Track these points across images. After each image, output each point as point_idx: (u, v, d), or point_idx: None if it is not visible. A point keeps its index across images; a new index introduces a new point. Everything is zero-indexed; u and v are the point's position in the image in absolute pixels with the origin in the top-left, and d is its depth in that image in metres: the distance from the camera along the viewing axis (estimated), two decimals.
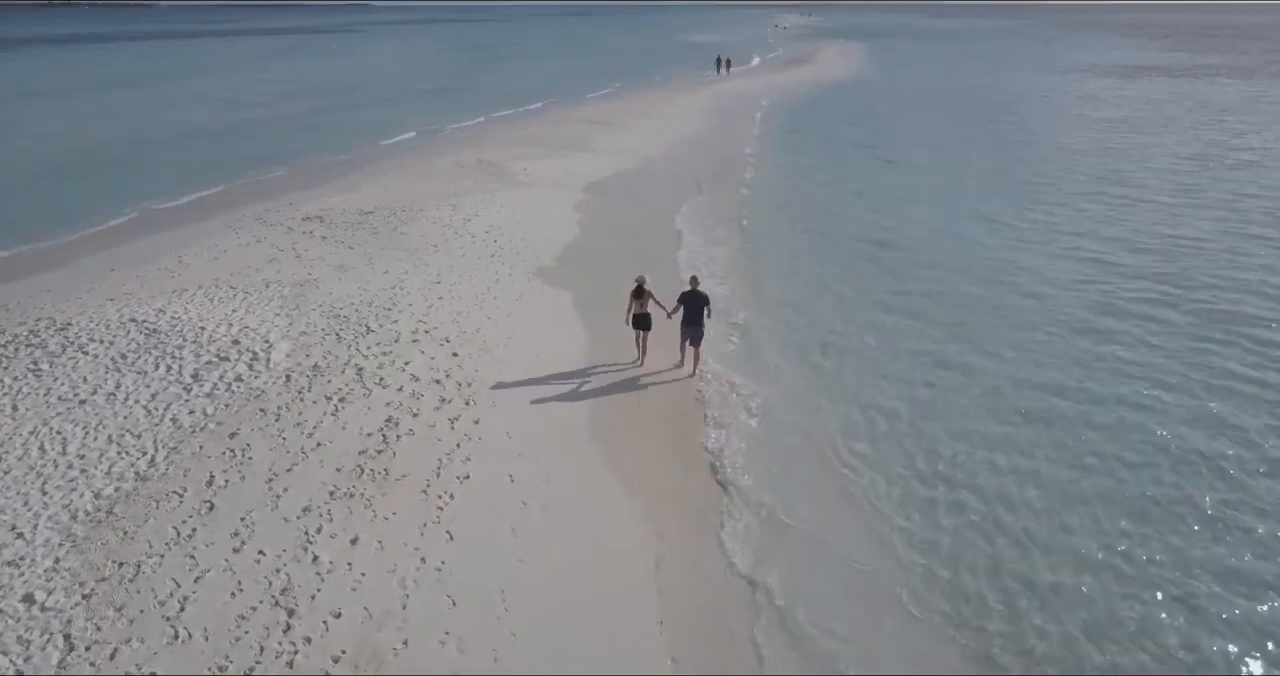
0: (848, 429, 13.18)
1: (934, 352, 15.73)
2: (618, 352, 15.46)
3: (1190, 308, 17.62)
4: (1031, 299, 18.27)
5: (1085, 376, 14.69)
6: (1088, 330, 16.58)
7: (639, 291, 14.57)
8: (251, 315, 16.39)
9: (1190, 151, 34.44)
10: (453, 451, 12.10)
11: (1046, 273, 19.78)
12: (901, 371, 15.02)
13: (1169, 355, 15.41)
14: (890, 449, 12.63)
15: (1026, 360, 15.35)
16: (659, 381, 14.77)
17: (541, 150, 34.58)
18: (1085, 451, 12.44)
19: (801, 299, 18.57)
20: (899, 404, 13.89)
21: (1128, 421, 13.27)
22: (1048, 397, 14.05)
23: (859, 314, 17.57)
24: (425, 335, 15.89)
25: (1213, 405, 13.70)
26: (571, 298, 18.36)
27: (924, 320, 17.20)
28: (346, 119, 46.32)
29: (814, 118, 46.11)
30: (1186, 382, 14.45)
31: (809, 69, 77.97)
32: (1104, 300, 18.11)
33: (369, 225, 23.16)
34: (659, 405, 13.95)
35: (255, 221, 23.75)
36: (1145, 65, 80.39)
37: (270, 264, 19.89)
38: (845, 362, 15.46)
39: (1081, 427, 13.06)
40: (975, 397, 14.07)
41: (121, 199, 27.14)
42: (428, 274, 19.31)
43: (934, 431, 13.03)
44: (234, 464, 11.57)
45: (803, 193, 28.32)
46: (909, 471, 12.04)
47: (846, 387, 14.50)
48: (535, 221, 23.90)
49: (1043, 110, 48.68)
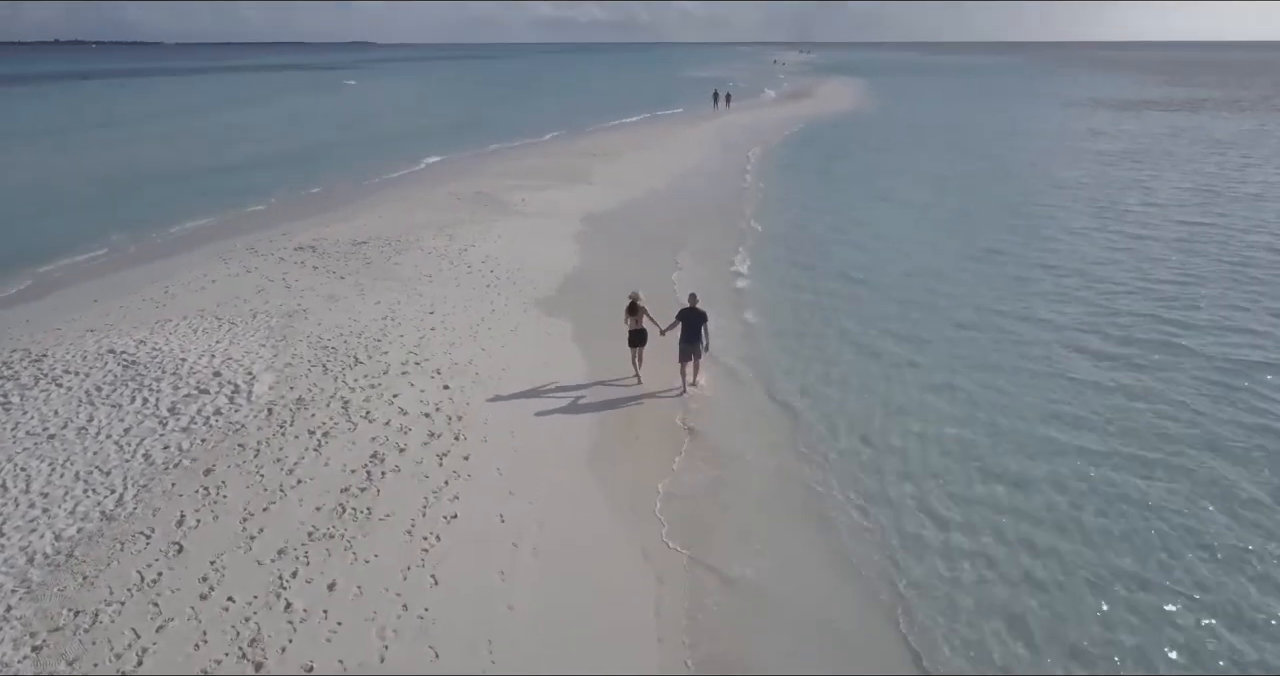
0: (846, 471, 12.52)
1: (932, 391, 14.95)
2: (615, 379, 15.30)
3: (1193, 346, 16.78)
4: (1029, 335, 17.39)
5: (1079, 412, 14.06)
6: (1086, 367, 15.82)
7: (633, 308, 14.71)
8: (235, 346, 15.79)
9: (1191, 184, 33.90)
10: (440, 489, 11.42)
11: (1045, 310, 18.90)
12: (899, 408, 14.29)
13: (1172, 398, 14.52)
14: (888, 490, 11.95)
15: (1025, 399, 14.58)
16: (656, 403, 14.38)
17: (540, 181, 34.25)
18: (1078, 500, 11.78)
19: (795, 334, 17.79)
20: (896, 440, 13.24)
21: (1124, 469, 12.59)
22: (1046, 437, 13.39)
23: (853, 352, 16.70)
24: (416, 367, 15.28)
25: (1219, 451, 13.03)
26: (567, 328, 17.81)
27: (919, 357, 16.35)
28: (345, 152, 46.17)
29: (812, 151, 45.86)
30: (1191, 427, 13.78)
31: (809, 103, 78.32)
32: (1103, 338, 17.20)
33: (362, 255, 22.65)
34: (657, 431, 13.42)
35: (246, 252, 23.23)
36: (1144, 99, 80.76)
37: (259, 294, 19.34)
38: (840, 398, 14.79)
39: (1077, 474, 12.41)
40: (977, 442, 13.38)
41: (110, 230, 26.70)
42: (421, 304, 18.75)
43: (929, 469, 12.37)
44: (207, 502, 10.89)
45: (800, 226, 27.66)
46: (911, 519, 11.35)
47: (840, 427, 13.83)
48: (532, 252, 23.41)
49: (1042, 143, 48.34)
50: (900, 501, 11.55)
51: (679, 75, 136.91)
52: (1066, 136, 51.31)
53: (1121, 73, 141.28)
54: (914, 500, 11.58)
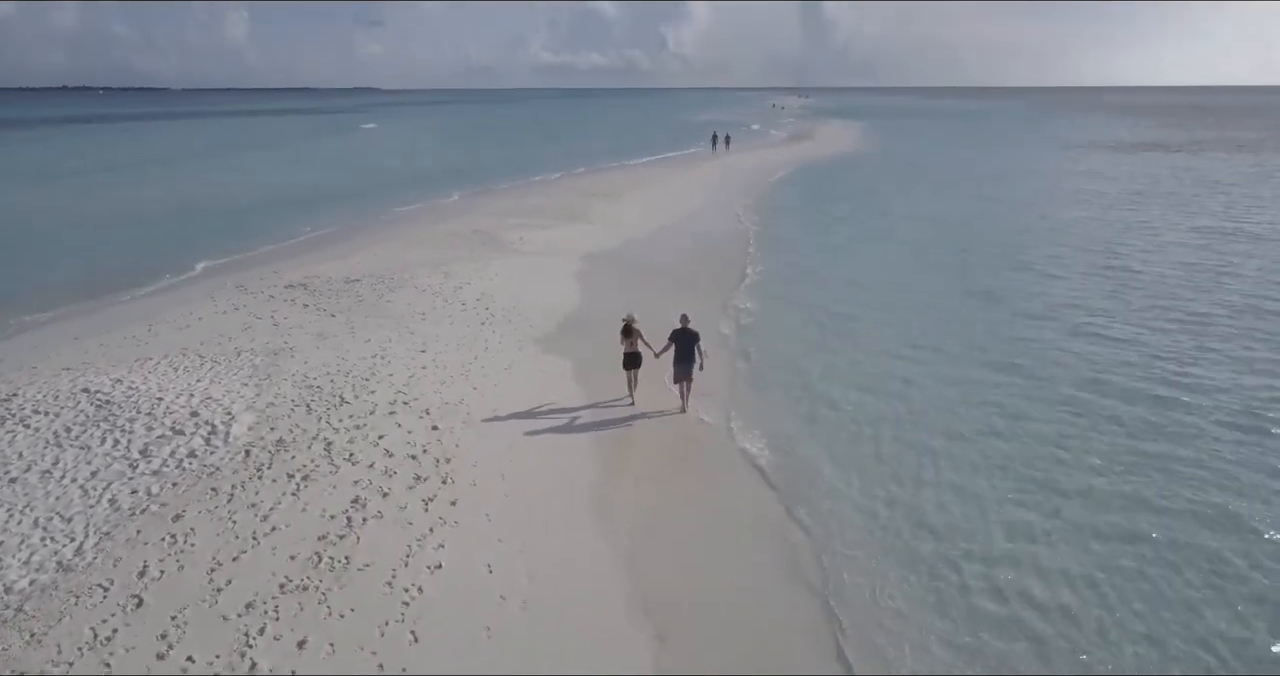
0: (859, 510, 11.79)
1: (926, 430, 14.30)
2: (610, 401, 15.43)
3: (1200, 391, 16.01)
4: (1030, 379, 16.56)
5: (1080, 457, 13.33)
6: (1094, 411, 15.08)
7: (627, 330, 14.87)
8: (216, 385, 15.12)
9: (1196, 225, 33.27)
10: (424, 537, 10.67)
11: (1046, 354, 18.01)
12: (895, 455, 13.54)
13: (1176, 448, 13.70)
14: (893, 539, 11.21)
15: (1028, 447, 13.79)
16: (652, 432, 14.06)
17: (539, 220, 33.87)
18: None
19: (790, 372, 17.13)
20: (894, 487, 12.53)
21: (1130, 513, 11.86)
22: (1049, 478, 12.68)
23: (848, 393, 15.92)
24: (404, 407, 14.59)
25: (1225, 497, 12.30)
26: (562, 365, 17.21)
27: (914, 395, 15.70)
28: (343, 192, 45.93)
29: (812, 191, 45.64)
30: (1198, 475, 13.06)
31: (809, 144, 78.64)
32: (1107, 383, 16.32)
33: (354, 293, 22.09)
34: (655, 466, 12.91)
35: (235, 289, 22.66)
36: (1142, 141, 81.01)
37: (245, 332, 18.72)
38: (835, 442, 14.10)
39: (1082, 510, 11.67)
40: (976, 479, 12.69)
41: (96, 270, 26.18)
42: (412, 342, 18.12)
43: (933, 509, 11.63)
44: (173, 551, 10.13)
45: (799, 266, 27.00)
46: (911, 575, 10.60)
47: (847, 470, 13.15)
48: (529, 290, 22.85)
49: (1041, 185, 47.86)
50: (897, 555, 10.81)
51: (680, 119, 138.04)
52: (1066, 177, 51.04)
53: (1117, 116, 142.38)
54: (912, 555, 10.83)
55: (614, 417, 14.75)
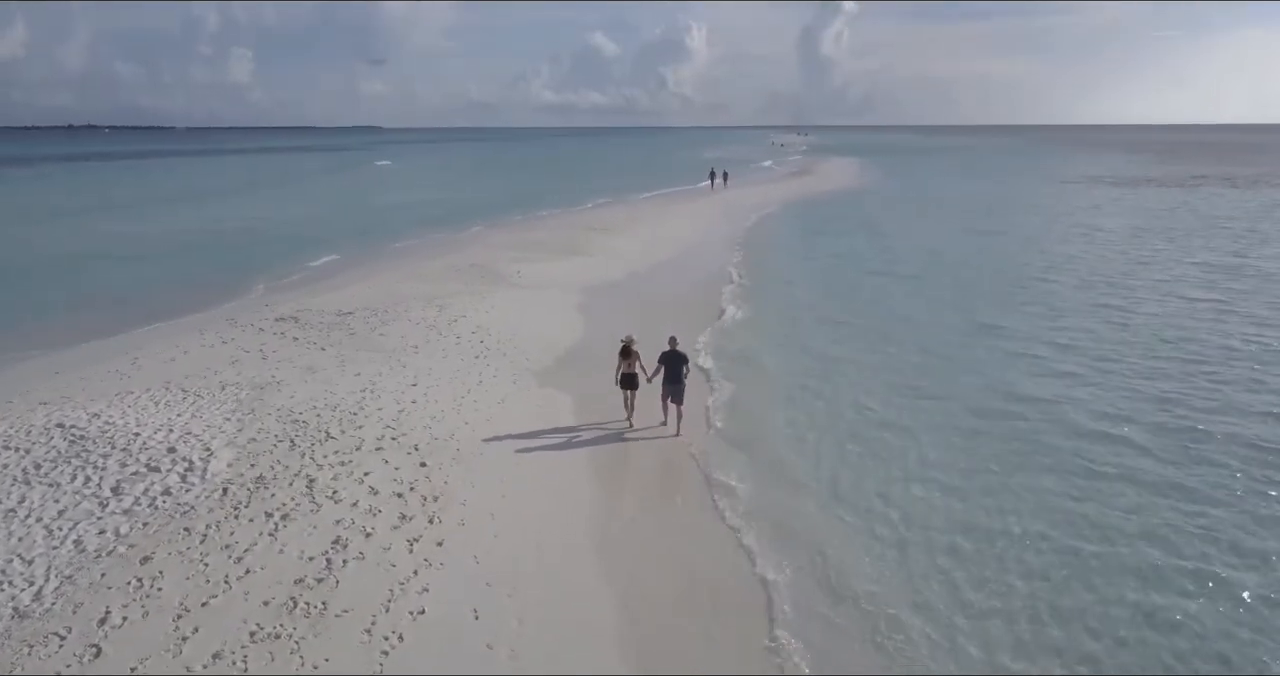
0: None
1: (931, 480, 13.66)
2: (607, 422, 15.55)
3: (1214, 430, 15.32)
4: (1033, 419, 15.70)
5: (1092, 510, 12.71)
6: (1097, 453, 14.27)
7: (626, 351, 15.07)
8: (197, 420, 14.53)
9: (1197, 261, 32.77)
10: (408, 580, 10.03)
11: (1048, 390, 17.21)
12: (894, 495, 12.91)
13: (1199, 496, 12.93)
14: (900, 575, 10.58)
15: (1030, 495, 13.10)
16: (649, 461, 13.84)
17: (538, 254, 33.50)
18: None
19: (788, 407, 16.54)
20: (893, 531, 11.92)
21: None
22: (1059, 539, 12.04)
23: (844, 428, 15.33)
24: (392, 442, 14.00)
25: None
26: (556, 398, 16.74)
27: (915, 441, 14.80)
28: (339, 226, 45.70)
29: (812, 226, 45.38)
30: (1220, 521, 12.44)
31: (810, 180, 78.90)
32: (1112, 420, 15.60)
33: (346, 326, 21.59)
34: (654, 498, 12.52)
35: (224, 322, 22.17)
36: (1143, 177, 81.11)
37: (232, 366, 18.18)
38: (834, 476, 13.53)
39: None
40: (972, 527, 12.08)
41: (83, 304, 25.74)
42: (404, 376, 17.58)
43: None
44: (139, 596, 9.49)
45: (800, 301, 26.61)
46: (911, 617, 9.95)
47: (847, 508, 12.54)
48: (526, 323, 22.36)
49: (1040, 220, 47.42)
50: (906, 596, 10.17)
51: (680, 156, 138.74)
52: (1065, 212, 50.73)
53: (1115, 152, 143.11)
54: (918, 593, 10.20)
55: (610, 446, 14.44)
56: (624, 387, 15.26)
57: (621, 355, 15.08)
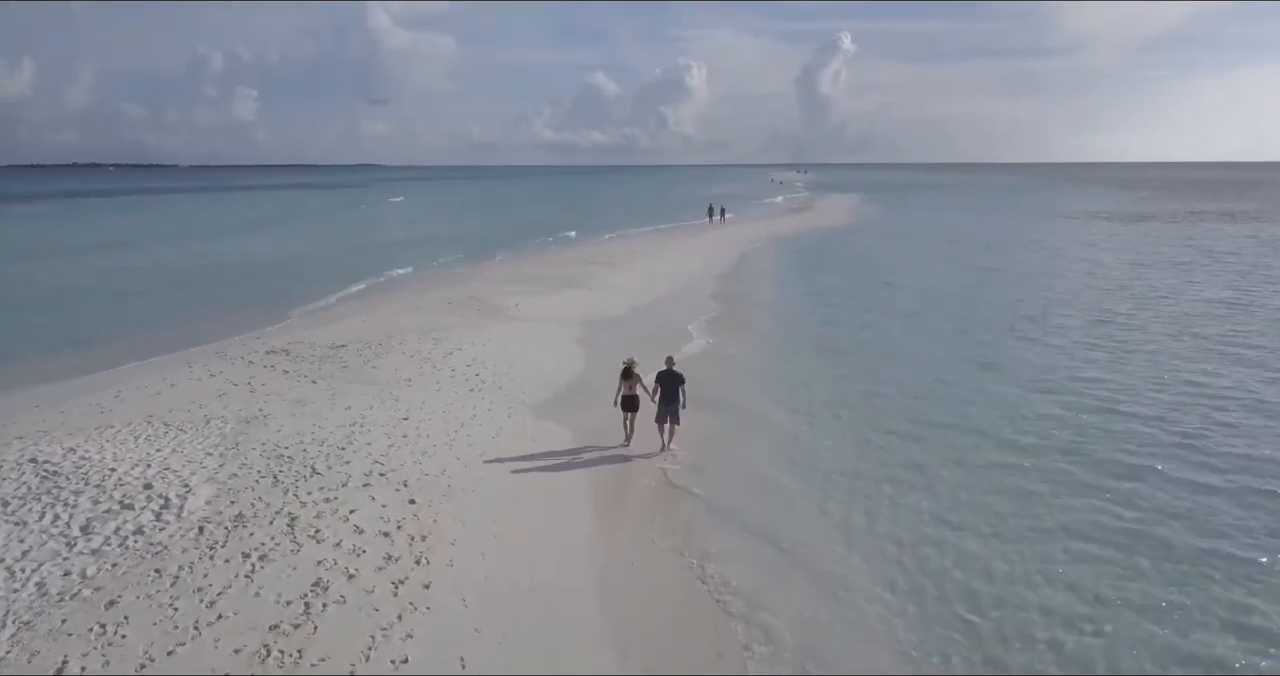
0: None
1: (927, 494, 13.23)
2: (605, 445, 15.58)
3: (1225, 476, 14.64)
4: (1037, 459, 15.02)
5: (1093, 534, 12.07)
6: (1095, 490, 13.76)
7: (628, 373, 15.32)
8: (178, 455, 13.93)
9: (1208, 296, 32.29)
10: (391, 625, 9.37)
11: (1053, 431, 16.42)
12: (895, 534, 12.37)
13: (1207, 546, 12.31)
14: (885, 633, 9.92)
15: (1033, 539, 12.51)
16: (649, 494, 13.29)
17: (536, 287, 33.07)
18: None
19: (790, 442, 16.04)
20: (894, 569, 11.29)
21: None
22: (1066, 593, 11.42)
23: (845, 467, 14.70)
24: (380, 478, 13.39)
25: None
26: (553, 433, 16.16)
27: (921, 475, 14.26)
28: (338, 261, 45.35)
29: (812, 261, 45.12)
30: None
31: (809, 215, 78.97)
32: (1119, 457, 15.04)
33: (338, 359, 21.05)
34: (656, 533, 11.66)
35: (214, 355, 21.64)
36: (1141, 212, 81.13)
37: (218, 399, 17.61)
38: (836, 518, 12.92)
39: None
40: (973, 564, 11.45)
41: (71, 339, 25.21)
42: (395, 410, 17.00)
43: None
44: (100, 644, 8.82)
45: (802, 332, 26.16)
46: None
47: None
48: (523, 356, 21.84)
49: (1044, 255, 46.79)
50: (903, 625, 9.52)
51: (680, 193, 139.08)
52: (1066, 246, 50.38)
53: (1113, 189, 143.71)
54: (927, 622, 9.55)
55: (608, 480, 13.88)
56: (624, 409, 15.43)
57: (623, 377, 15.32)
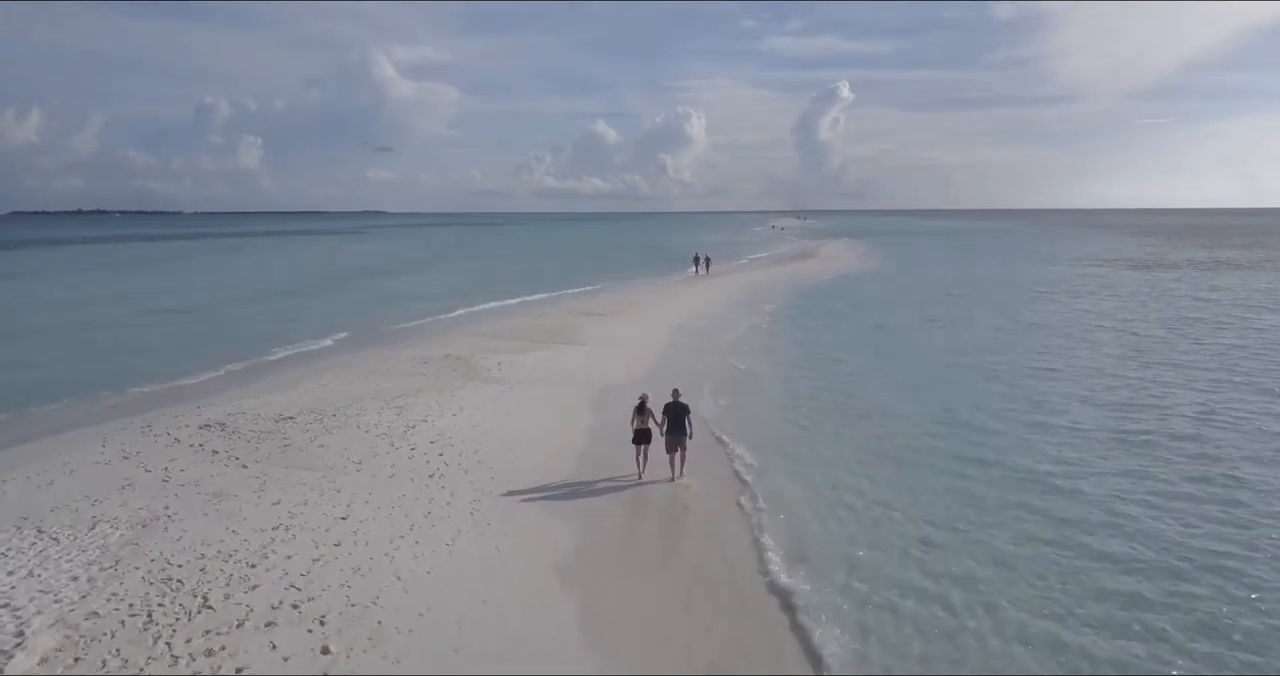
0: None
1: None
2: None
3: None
4: (1057, 515, 12.92)
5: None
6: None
7: (641, 408, 15.74)
8: (32, 581, 10.88)
9: (1226, 343, 29.68)
10: None
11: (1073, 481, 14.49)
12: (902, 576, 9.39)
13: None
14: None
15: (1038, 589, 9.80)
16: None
17: (521, 342, 30.21)
18: None
19: (795, 482, 15.30)
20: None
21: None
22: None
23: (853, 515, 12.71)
24: (292, 612, 10.33)
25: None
26: (522, 535, 13.04)
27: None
28: (315, 313, 42.52)
29: (815, 310, 42.05)
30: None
31: (812, 263, 76.50)
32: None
33: (281, 435, 18.06)
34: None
35: (138, 431, 18.60)
36: (1152, 259, 78.45)
37: (119, 492, 14.55)
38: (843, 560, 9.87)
39: None
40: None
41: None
42: (334, 506, 13.99)
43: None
44: None
45: (800, 389, 23.41)
46: None
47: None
48: (498, 428, 18.88)
49: (1058, 303, 44.11)
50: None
51: (679, 240, 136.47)
52: (1079, 297, 47.22)
53: (1119, 235, 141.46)
54: None
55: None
56: (636, 443, 15.84)
57: (637, 411, 15.77)
